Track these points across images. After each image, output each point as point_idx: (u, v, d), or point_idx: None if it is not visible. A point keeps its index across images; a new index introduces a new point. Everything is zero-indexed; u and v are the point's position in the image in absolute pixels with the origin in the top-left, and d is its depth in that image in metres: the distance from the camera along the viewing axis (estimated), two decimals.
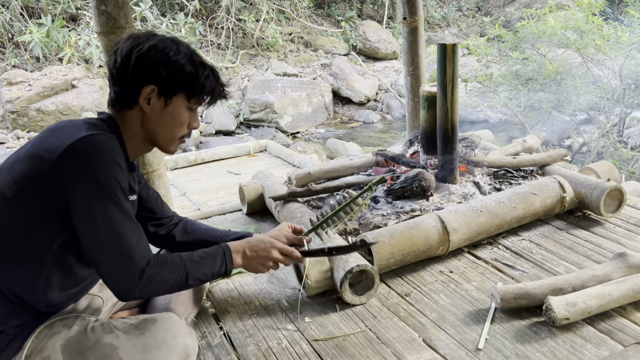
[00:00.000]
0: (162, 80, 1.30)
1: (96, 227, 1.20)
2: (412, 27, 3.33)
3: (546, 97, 5.45)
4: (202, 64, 1.35)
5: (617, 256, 1.77)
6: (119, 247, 1.22)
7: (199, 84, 1.34)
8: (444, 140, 2.38)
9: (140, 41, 1.30)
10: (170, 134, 1.38)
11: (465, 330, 1.60)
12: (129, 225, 1.24)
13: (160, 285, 1.29)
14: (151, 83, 1.30)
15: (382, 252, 1.87)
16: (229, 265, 1.45)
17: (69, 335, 1.25)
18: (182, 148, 7.23)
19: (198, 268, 1.38)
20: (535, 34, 5.46)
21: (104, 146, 1.21)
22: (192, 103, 1.36)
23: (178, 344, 1.27)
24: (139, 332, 1.28)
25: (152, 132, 1.37)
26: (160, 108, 1.33)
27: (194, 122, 1.41)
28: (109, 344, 1.24)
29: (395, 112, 9.15)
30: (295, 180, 2.70)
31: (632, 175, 4.49)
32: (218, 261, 1.43)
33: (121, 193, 1.23)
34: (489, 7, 13.39)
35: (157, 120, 1.35)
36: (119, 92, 1.33)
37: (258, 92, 8.69)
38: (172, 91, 1.32)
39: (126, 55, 1.29)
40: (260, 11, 10.34)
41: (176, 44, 1.32)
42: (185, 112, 1.37)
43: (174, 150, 1.43)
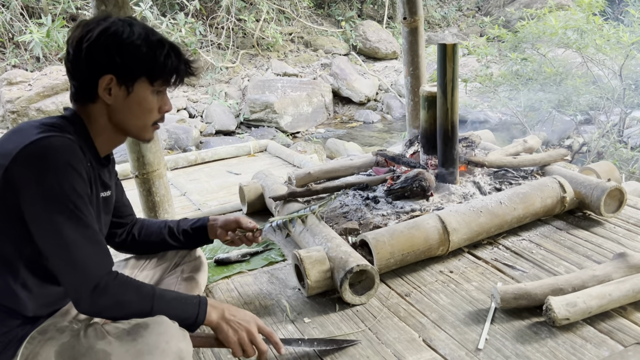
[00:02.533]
0: (119, 67, 1.21)
1: (49, 236, 1.14)
2: (412, 27, 3.33)
3: (546, 97, 5.45)
4: (160, 42, 1.25)
5: (617, 256, 1.77)
6: (72, 256, 1.15)
7: (160, 65, 1.24)
8: (444, 140, 2.38)
9: (89, 28, 1.21)
10: (141, 122, 1.30)
11: (465, 331, 1.60)
12: (86, 234, 1.17)
13: (118, 305, 1.22)
14: (108, 72, 1.21)
15: (382, 252, 1.87)
16: (200, 315, 1.30)
17: (62, 341, 1.23)
18: (182, 148, 7.23)
19: (167, 306, 1.27)
20: (535, 34, 5.46)
21: (56, 149, 1.13)
22: (156, 86, 1.27)
23: (171, 348, 1.24)
24: (131, 337, 1.24)
25: (121, 123, 1.29)
26: (123, 97, 1.25)
27: (164, 106, 1.32)
28: (102, 350, 1.21)
29: (395, 112, 9.15)
30: (295, 180, 2.70)
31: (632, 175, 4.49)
32: (190, 308, 1.30)
33: (77, 198, 1.15)
34: (489, 7, 13.39)
35: (123, 111, 1.26)
36: (77, 85, 1.25)
37: (258, 92, 8.69)
38: (132, 77, 1.23)
39: (77, 46, 1.20)
40: (260, 11, 10.34)
41: (129, 25, 1.23)
42: (152, 97, 1.28)
43: (149, 137, 1.36)
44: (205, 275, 1.83)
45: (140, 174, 2.54)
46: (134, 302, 1.24)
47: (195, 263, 1.73)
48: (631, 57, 4.87)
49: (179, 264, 1.71)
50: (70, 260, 1.16)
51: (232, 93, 9.15)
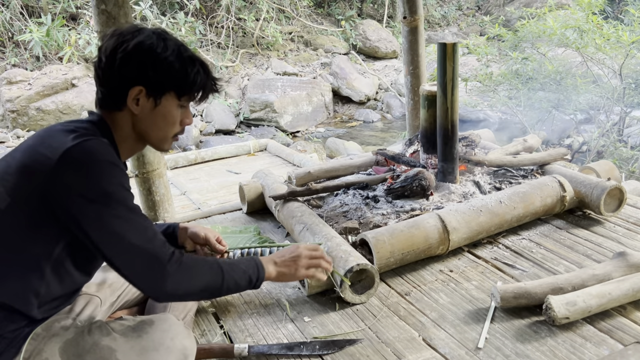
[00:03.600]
0: (150, 80, 1.25)
1: (112, 234, 1.17)
2: (412, 26, 3.33)
3: (546, 97, 5.45)
4: (191, 60, 1.29)
5: (617, 255, 1.78)
6: (142, 247, 1.19)
7: (189, 81, 1.28)
8: (444, 140, 2.38)
9: (125, 38, 1.23)
10: (163, 134, 1.34)
11: (465, 330, 1.60)
12: (143, 223, 1.22)
13: (195, 278, 1.25)
14: (138, 84, 1.24)
15: (382, 251, 1.87)
16: (260, 270, 1.40)
17: (67, 338, 1.23)
18: (182, 147, 7.23)
19: (235, 271, 1.34)
20: (535, 33, 5.46)
21: (100, 151, 1.17)
22: (183, 101, 1.31)
23: (176, 346, 1.26)
24: (136, 334, 1.26)
25: (144, 132, 1.33)
26: (150, 109, 1.28)
27: (186, 119, 1.36)
28: (106, 346, 1.22)
29: (395, 111, 9.15)
30: (295, 180, 2.70)
31: (632, 175, 4.49)
32: (251, 268, 1.38)
33: (126, 192, 1.20)
34: (489, 6, 13.39)
35: (148, 121, 1.30)
36: (106, 93, 1.28)
37: (258, 91, 8.69)
38: (162, 91, 1.27)
39: (111, 55, 1.23)
40: (260, 10, 10.34)
41: (163, 40, 1.25)
42: (176, 111, 1.32)
43: (167, 148, 1.40)
44: None
45: (140, 173, 2.55)
46: (207, 273, 1.28)
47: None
48: (631, 56, 4.87)
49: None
50: (141, 252, 1.18)
51: (232, 92, 9.15)
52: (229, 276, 1.32)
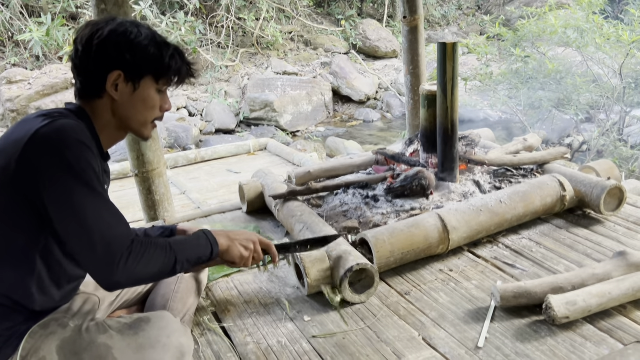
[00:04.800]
0: (128, 64, 1.26)
1: (70, 212, 1.14)
2: (412, 26, 3.33)
3: (546, 96, 5.45)
4: (166, 44, 1.32)
5: (617, 255, 1.77)
6: (96, 231, 1.15)
7: (166, 65, 1.31)
8: (444, 139, 2.38)
9: (99, 27, 1.26)
10: (143, 118, 1.35)
11: (465, 329, 1.60)
12: (106, 207, 1.19)
13: (147, 268, 1.22)
14: (116, 68, 1.26)
15: (382, 250, 1.87)
16: (214, 246, 1.39)
17: (64, 336, 1.24)
18: (182, 146, 7.23)
19: (185, 250, 1.32)
20: (535, 32, 5.46)
21: (69, 129, 1.17)
22: (160, 85, 1.33)
23: (172, 343, 1.26)
24: (133, 331, 1.26)
25: (125, 118, 1.33)
26: (130, 93, 1.30)
27: (165, 104, 1.38)
28: (103, 344, 1.22)
29: (395, 110, 9.15)
30: (295, 179, 2.69)
31: (632, 174, 4.49)
32: (202, 243, 1.38)
33: (93, 174, 1.18)
34: (489, 5, 13.38)
35: (128, 106, 1.31)
36: (84, 82, 1.29)
37: (258, 90, 8.69)
38: (139, 74, 1.29)
39: (87, 43, 1.25)
40: (260, 10, 10.34)
41: (136, 26, 1.29)
42: (155, 95, 1.34)
43: (148, 135, 1.40)
44: (206, 275, 1.83)
45: (140, 172, 2.55)
46: (159, 260, 1.26)
47: None
48: (631, 55, 4.87)
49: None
50: (95, 237, 1.15)
51: (232, 92, 9.15)
52: (182, 257, 1.30)
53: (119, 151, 6.57)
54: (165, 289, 1.63)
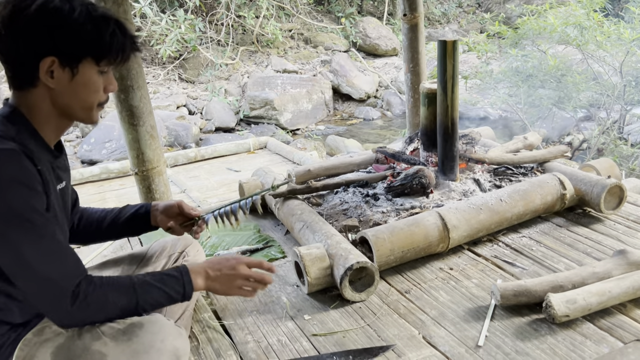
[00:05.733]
0: (62, 48, 1.11)
1: (9, 258, 1.08)
2: (412, 24, 3.32)
3: (546, 94, 5.44)
4: (105, 19, 1.15)
5: (617, 253, 1.77)
6: (38, 274, 1.08)
7: (106, 44, 1.15)
8: (444, 137, 2.38)
9: (25, 3, 1.08)
10: (87, 104, 1.21)
11: (465, 327, 1.60)
12: (49, 248, 1.11)
13: (102, 309, 1.16)
14: (49, 54, 1.10)
15: (382, 249, 1.87)
16: (187, 289, 1.28)
17: (58, 343, 1.21)
18: (181, 145, 7.22)
19: (151, 292, 1.23)
20: (535, 30, 5.45)
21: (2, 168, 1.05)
22: (102, 66, 1.18)
23: (167, 347, 1.24)
24: (126, 337, 1.22)
25: (66, 107, 1.20)
26: (68, 80, 1.15)
27: (110, 85, 1.24)
28: (97, 351, 1.19)
29: (395, 109, 9.14)
30: (295, 177, 2.69)
31: (632, 172, 4.49)
32: (174, 286, 1.27)
33: (31, 212, 1.08)
34: (489, 3, 13.36)
35: (68, 94, 1.17)
36: (14, 70, 1.14)
37: (258, 88, 8.68)
38: (77, 58, 1.14)
39: (11, 24, 1.08)
40: (260, 7, 10.32)
41: (68, 1, 1.11)
42: (97, 77, 1.19)
43: (95, 120, 1.26)
44: None
45: (140, 171, 2.54)
46: (118, 302, 1.19)
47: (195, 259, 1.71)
48: (631, 53, 4.87)
49: (177, 260, 1.70)
50: (37, 279, 1.09)
51: (232, 90, 9.14)
52: (145, 301, 1.22)
53: (118, 149, 6.57)
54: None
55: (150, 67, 9.38)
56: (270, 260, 2.12)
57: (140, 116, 2.42)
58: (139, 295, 1.21)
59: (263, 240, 2.28)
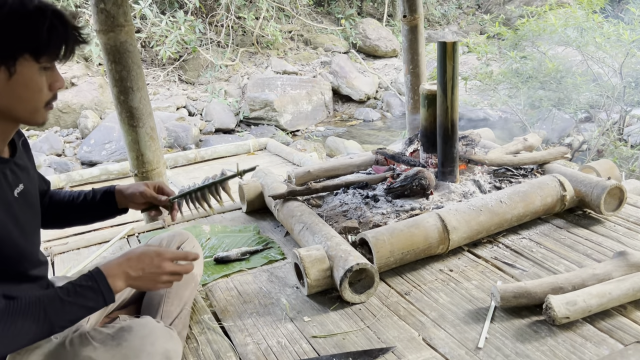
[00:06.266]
0: None
1: None
2: (412, 25, 3.33)
3: (546, 95, 5.44)
4: (40, 10, 1.05)
5: (618, 255, 1.77)
6: None
7: (44, 39, 1.05)
8: (444, 139, 2.38)
9: None
10: (31, 106, 1.12)
11: (465, 329, 1.60)
12: None
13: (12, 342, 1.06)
14: None
15: (382, 250, 1.86)
16: (107, 295, 1.17)
17: (47, 350, 1.19)
18: (181, 146, 7.22)
19: (65, 310, 1.12)
20: (535, 31, 5.45)
21: None
22: (43, 62, 1.08)
23: (157, 350, 1.23)
24: (115, 342, 1.20)
25: (7, 110, 1.10)
26: (5, 80, 1.05)
27: (55, 82, 1.14)
28: (87, 356, 1.19)
29: (395, 110, 9.14)
30: (294, 179, 2.69)
31: (632, 174, 4.49)
32: (90, 295, 1.15)
33: None
34: (489, 4, 13.37)
35: (7, 96, 1.07)
36: None
37: (258, 90, 8.68)
38: (12, 56, 1.04)
39: None
40: (260, 9, 10.32)
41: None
42: (39, 76, 1.09)
43: (42, 120, 1.17)
44: (201, 267, 1.81)
45: (140, 172, 2.54)
46: (29, 331, 1.08)
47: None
48: (631, 55, 4.87)
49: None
50: None
51: (232, 91, 9.14)
52: (58, 321, 1.12)
53: (118, 151, 6.57)
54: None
55: (150, 69, 9.38)
56: (270, 261, 2.11)
57: (140, 117, 2.43)
58: (51, 317, 1.10)
59: (263, 241, 2.27)
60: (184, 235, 1.74)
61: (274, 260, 2.13)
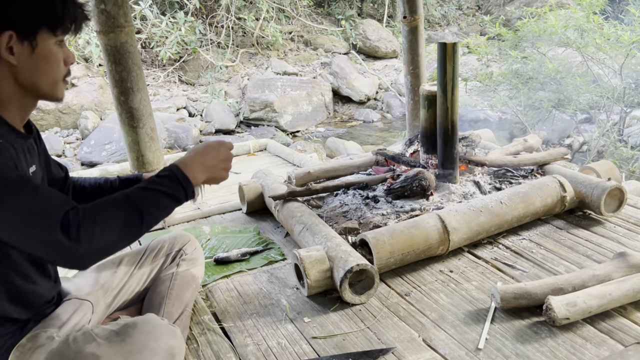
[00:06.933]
0: (17, 21, 1.12)
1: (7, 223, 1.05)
2: (412, 26, 3.33)
3: (546, 96, 5.44)
4: None
5: (618, 256, 1.77)
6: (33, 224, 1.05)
7: (59, 12, 1.17)
8: (444, 140, 2.38)
9: None
10: (52, 79, 1.21)
11: (465, 330, 1.60)
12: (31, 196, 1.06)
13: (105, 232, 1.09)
14: (6, 28, 1.11)
15: (382, 251, 1.86)
16: (184, 183, 1.23)
17: (51, 348, 1.21)
18: (181, 147, 7.22)
19: (149, 197, 1.17)
20: (535, 32, 5.45)
21: None
22: (59, 35, 1.19)
23: (161, 346, 1.23)
24: (120, 338, 1.22)
25: (31, 83, 1.18)
26: (29, 54, 1.15)
27: (68, 57, 1.24)
28: (90, 353, 1.20)
29: (395, 111, 9.14)
30: (295, 180, 2.69)
31: (632, 175, 4.49)
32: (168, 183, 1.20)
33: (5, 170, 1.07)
34: (489, 5, 13.37)
35: (31, 69, 1.16)
36: None
37: (258, 91, 8.68)
38: (34, 30, 1.14)
39: None
40: (260, 10, 10.33)
41: None
42: (57, 49, 1.20)
43: (61, 95, 1.25)
44: (202, 269, 1.81)
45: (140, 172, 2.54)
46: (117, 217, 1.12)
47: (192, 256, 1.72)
48: (631, 56, 4.87)
49: (175, 258, 1.70)
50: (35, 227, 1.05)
51: (232, 92, 9.14)
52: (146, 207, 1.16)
53: (118, 151, 6.57)
54: (160, 286, 1.62)
55: (150, 69, 9.38)
56: (270, 262, 2.12)
57: (140, 118, 2.42)
58: (138, 204, 1.15)
59: (263, 242, 2.27)
60: (185, 237, 1.75)
61: (274, 261, 2.13)
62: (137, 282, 1.62)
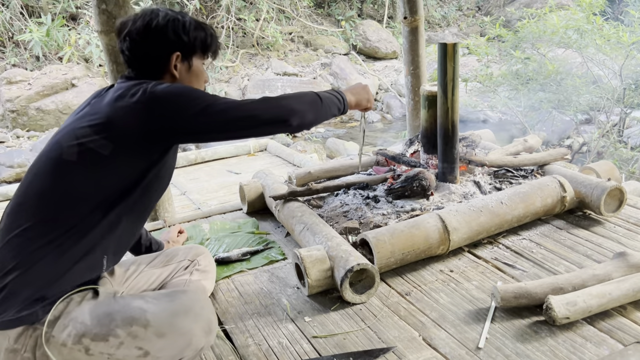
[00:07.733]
0: (184, 45, 1.46)
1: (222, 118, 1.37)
2: (413, 27, 3.33)
3: (546, 97, 5.45)
4: (203, 25, 1.54)
5: (618, 255, 1.78)
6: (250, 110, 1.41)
7: (208, 43, 1.53)
8: (444, 140, 2.38)
9: (151, 17, 1.43)
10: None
11: (465, 330, 1.60)
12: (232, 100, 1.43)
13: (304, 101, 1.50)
14: (176, 50, 1.45)
15: (383, 251, 1.87)
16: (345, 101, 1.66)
17: (97, 300, 1.30)
18: (182, 148, 7.22)
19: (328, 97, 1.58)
20: (535, 33, 5.46)
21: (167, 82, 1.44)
22: (205, 59, 1.56)
23: (204, 315, 1.32)
24: (169, 298, 1.33)
25: None
26: (186, 70, 1.50)
27: (206, 77, 1.59)
28: (138, 307, 1.27)
29: (395, 111, 9.15)
30: (295, 180, 2.70)
31: (632, 175, 4.50)
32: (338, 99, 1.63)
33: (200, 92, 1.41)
34: (489, 6, 13.39)
35: (186, 82, 1.50)
36: (143, 67, 1.45)
37: (258, 91, 8.69)
38: (192, 53, 1.49)
39: (145, 31, 1.42)
40: (260, 10, 10.34)
41: (180, 14, 1.49)
42: (203, 69, 1.56)
43: None
44: (213, 283, 1.85)
45: None
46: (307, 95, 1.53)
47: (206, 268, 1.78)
48: (631, 57, 4.88)
49: (187, 267, 1.76)
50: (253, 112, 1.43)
51: (232, 92, 9.15)
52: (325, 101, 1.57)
53: None
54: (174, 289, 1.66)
55: None
56: (271, 262, 2.12)
57: None
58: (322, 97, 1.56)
59: (263, 242, 2.28)
60: (200, 249, 1.84)
61: (274, 260, 2.13)
62: (145, 280, 1.66)
